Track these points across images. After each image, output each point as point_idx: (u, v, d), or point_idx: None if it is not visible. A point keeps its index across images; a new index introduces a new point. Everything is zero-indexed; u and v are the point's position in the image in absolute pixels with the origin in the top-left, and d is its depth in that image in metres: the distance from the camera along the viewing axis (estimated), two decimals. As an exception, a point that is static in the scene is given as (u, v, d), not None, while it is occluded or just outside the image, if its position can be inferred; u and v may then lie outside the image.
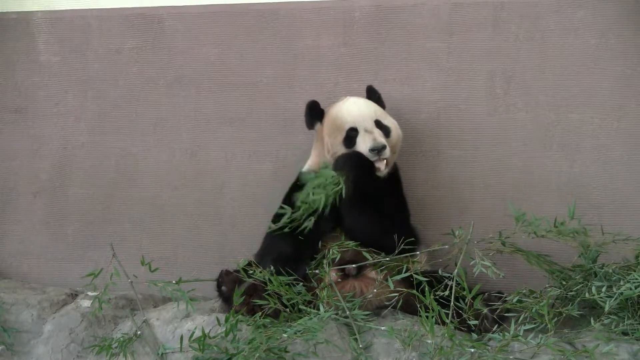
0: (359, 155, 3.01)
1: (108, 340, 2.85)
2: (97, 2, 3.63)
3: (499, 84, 3.37)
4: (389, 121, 3.15)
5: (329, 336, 2.66)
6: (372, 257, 2.88)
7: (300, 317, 2.69)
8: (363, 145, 3.02)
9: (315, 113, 3.17)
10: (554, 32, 3.33)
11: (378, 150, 3.00)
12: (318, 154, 3.18)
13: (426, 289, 2.70)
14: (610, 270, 2.82)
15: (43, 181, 3.66)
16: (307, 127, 3.20)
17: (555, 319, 2.66)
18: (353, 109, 3.11)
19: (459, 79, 3.39)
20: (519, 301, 2.72)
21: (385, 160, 3.03)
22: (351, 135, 3.06)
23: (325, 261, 2.90)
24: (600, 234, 2.93)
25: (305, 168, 3.21)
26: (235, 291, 2.72)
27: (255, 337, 2.60)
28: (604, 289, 2.72)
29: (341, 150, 3.07)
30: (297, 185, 3.10)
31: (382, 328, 2.71)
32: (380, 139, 3.03)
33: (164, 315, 2.91)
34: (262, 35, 3.52)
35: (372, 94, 3.23)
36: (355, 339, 2.70)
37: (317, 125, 3.18)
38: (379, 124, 3.10)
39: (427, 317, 2.59)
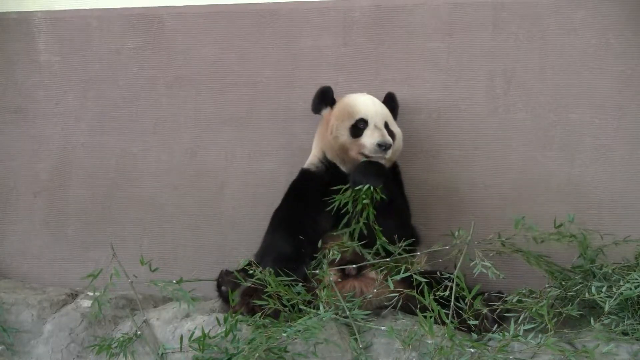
0: (380, 164, 3.03)
1: (108, 340, 2.84)
2: (97, 2, 3.63)
3: (499, 84, 3.37)
4: (396, 129, 3.18)
5: (329, 336, 2.66)
6: (372, 257, 2.88)
7: (300, 317, 2.68)
8: (370, 138, 3.03)
9: (326, 98, 3.19)
10: (554, 32, 3.33)
11: (385, 147, 3.01)
12: (320, 142, 3.18)
13: (426, 289, 2.70)
14: (610, 271, 2.83)
15: (43, 181, 3.65)
16: (313, 110, 3.21)
17: (555, 319, 2.66)
18: (369, 103, 3.13)
19: (459, 79, 3.39)
20: (519, 301, 2.72)
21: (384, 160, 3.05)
22: (359, 126, 3.07)
23: (325, 261, 2.90)
24: (600, 233, 2.93)
25: (307, 164, 3.21)
26: (234, 291, 2.72)
27: (255, 337, 2.60)
28: (603, 289, 2.71)
29: (344, 135, 3.07)
30: (301, 184, 3.11)
31: (382, 328, 2.71)
32: (389, 137, 3.05)
33: (164, 315, 2.91)
34: (262, 35, 3.52)
35: (390, 102, 3.24)
36: (355, 339, 2.70)
37: (325, 110, 3.19)
38: (387, 127, 3.12)
39: (426, 317, 2.59)
